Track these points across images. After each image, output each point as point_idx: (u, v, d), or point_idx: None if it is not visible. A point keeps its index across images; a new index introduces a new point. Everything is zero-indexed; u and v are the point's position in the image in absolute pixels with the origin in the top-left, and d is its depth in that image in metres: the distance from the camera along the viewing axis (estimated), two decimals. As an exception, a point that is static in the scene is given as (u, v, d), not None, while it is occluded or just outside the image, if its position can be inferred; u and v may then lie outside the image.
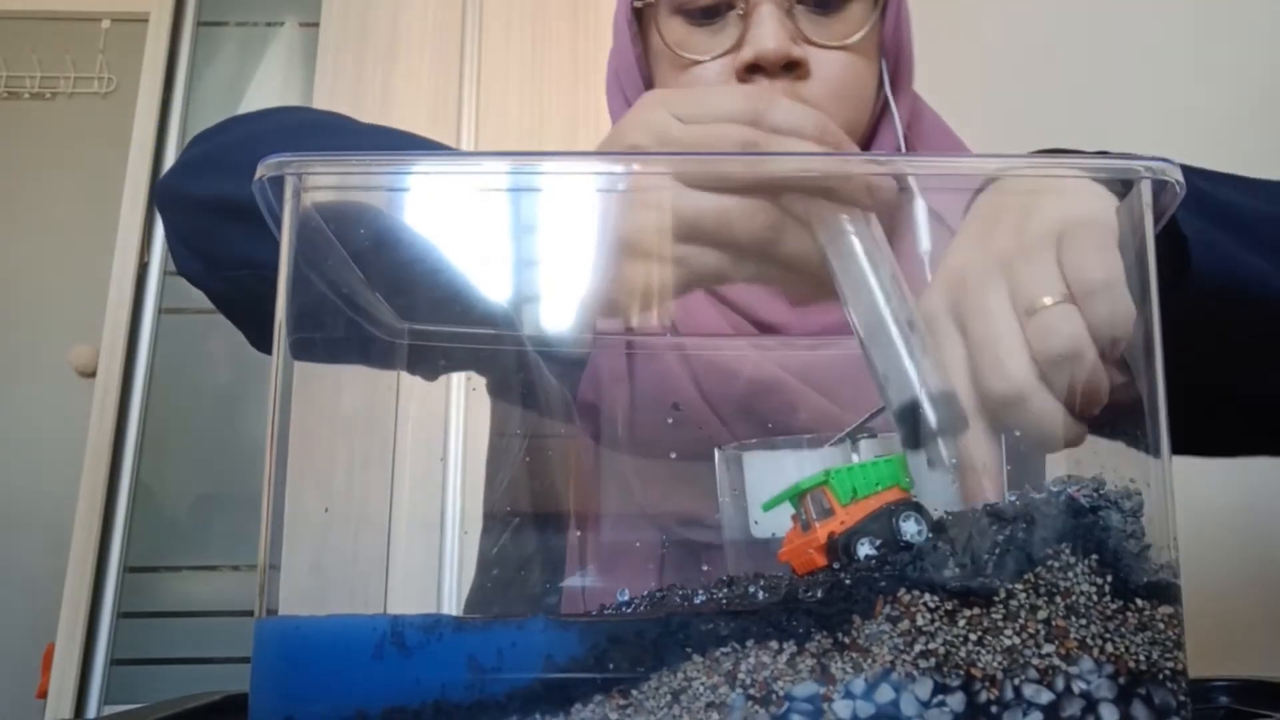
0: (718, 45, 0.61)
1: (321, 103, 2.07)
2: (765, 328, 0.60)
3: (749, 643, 0.32)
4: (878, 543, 0.34)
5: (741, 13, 0.60)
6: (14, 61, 2.30)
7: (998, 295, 0.38)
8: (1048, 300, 0.36)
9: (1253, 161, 0.58)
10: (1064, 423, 0.36)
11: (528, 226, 0.43)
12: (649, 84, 0.68)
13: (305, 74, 2.20)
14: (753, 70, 0.60)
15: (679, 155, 0.44)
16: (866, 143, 0.66)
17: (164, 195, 0.60)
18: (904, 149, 0.65)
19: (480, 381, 0.58)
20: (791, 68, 0.60)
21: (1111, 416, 0.37)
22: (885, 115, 0.65)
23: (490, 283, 0.47)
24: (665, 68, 0.65)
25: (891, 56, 0.65)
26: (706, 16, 0.62)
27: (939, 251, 0.42)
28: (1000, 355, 0.37)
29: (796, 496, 0.37)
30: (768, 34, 0.58)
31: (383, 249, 0.43)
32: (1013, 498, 0.35)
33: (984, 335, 0.38)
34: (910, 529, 0.34)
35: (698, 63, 0.62)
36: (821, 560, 0.35)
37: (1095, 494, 0.34)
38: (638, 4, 0.65)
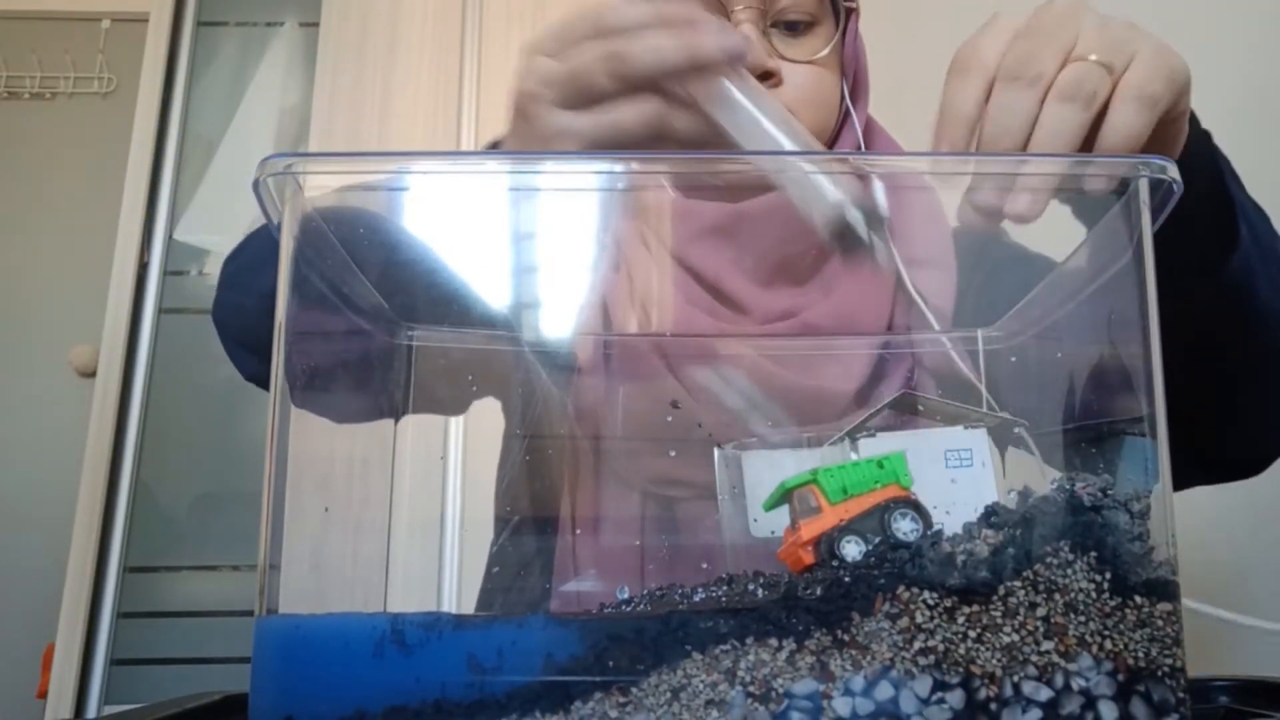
0: None
1: (322, 103, 2.07)
2: (729, 302, 0.64)
3: (749, 640, 0.32)
4: (875, 540, 0.34)
5: None
6: (14, 61, 2.30)
7: None
8: (1094, 56, 0.41)
9: (1254, 160, 0.58)
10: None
11: (526, 226, 0.43)
12: None
13: (305, 74, 2.19)
14: None
15: (676, 155, 0.44)
16: (831, 145, 0.75)
17: (218, 316, 0.69)
18: (864, 151, 0.73)
19: (486, 390, 0.59)
20: (767, 77, 0.66)
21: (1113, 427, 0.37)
22: (847, 123, 0.74)
23: (490, 281, 0.47)
24: None
25: (850, 74, 0.73)
26: None
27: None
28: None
29: (786, 496, 0.37)
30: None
31: (383, 250, 0.43)
32: (1013, 494, 0.35)
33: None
34: (905, 526, 0.34)
35: None
36: (809, 558, 0.35)
37: (1102, 494, 0.34)
38: None
